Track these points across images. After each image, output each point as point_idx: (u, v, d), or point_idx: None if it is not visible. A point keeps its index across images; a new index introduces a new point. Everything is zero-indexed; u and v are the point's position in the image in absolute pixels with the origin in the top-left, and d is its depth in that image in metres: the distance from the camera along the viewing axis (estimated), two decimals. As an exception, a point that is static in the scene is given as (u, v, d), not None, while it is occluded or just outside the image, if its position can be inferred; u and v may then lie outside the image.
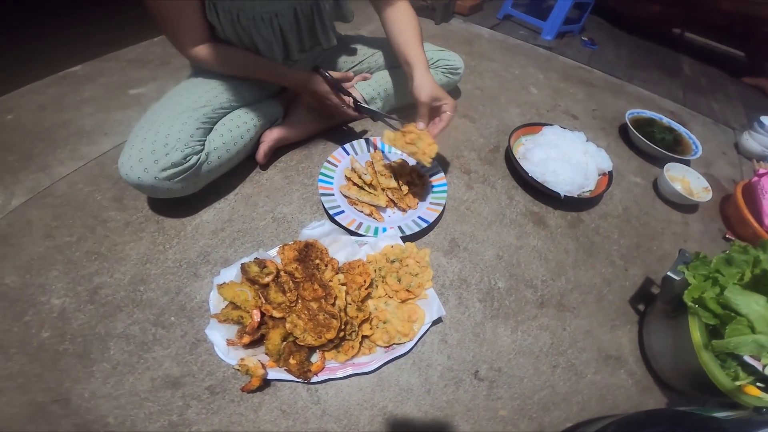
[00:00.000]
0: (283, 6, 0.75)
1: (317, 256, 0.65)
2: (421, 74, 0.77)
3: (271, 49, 0.80)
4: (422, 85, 0.76)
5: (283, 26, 0.78)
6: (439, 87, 0.78)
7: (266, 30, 0.76)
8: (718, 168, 1.20)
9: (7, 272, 0.63)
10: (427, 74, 0.78)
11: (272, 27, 0.77)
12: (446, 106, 0.78)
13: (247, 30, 0.75)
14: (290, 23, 0.79)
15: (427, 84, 0.77)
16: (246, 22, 0.73)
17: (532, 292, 0.75)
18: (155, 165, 0.64)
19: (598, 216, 0.94)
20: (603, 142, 1.17)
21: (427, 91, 0.76)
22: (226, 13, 0.71)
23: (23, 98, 0.95)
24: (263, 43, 0.78)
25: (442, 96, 0.77)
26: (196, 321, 0.61)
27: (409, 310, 0.65)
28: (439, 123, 0.79)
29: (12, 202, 0.73)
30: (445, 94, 0.78)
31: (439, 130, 0.78)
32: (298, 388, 0.57)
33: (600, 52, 1.76)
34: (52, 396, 0.52)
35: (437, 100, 0.77)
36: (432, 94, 0.76)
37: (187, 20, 0.70)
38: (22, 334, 0.57)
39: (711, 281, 0.59)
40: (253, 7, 0.72)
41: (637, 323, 0.75)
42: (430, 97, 0.76)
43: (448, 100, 0.78)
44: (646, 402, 0.64)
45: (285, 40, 0.81)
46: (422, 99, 0.76)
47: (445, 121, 0.78)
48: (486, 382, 0.62)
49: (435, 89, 0.77)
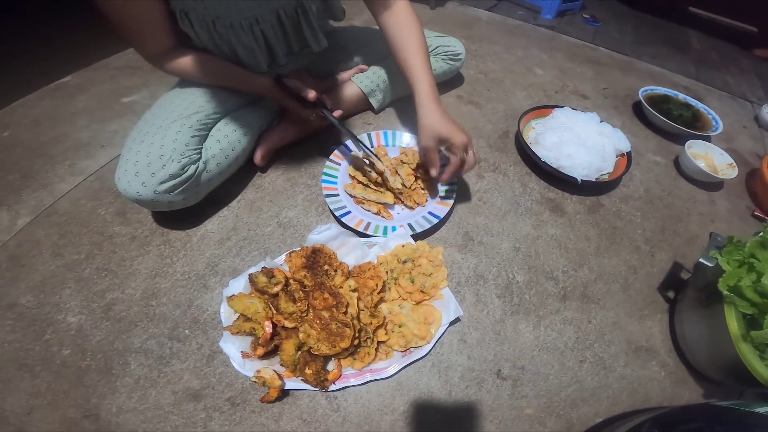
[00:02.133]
0: (263, 10, 0.70)
1: (326, 261, 0.63)
2: (426, 111, 0.66)
3: (254, 57, 0.75)
4: (425, 126, 0.66)
5: (265, 31, 0.73)
6: (448, 122, 0.66)
7: (246, 37, 0.71)
8: (740, 143, 1.14)
9: (21, 293, 0.64)
10: (432, 109, 0.66)
11: (253, 33, 0.72)
12: (454, 148, 0.66)
13: (226, 38, 0.70)
14: (273, 28, 0.74)
15: (432, 124, 0.65)
16: (223, 29, 0.68)
17: (553, 284, 0.72)
18: (152, 178, 0.62)
19: (618, 199, 0.90)
20: (617, 121, 1.12)
21: (430, 136, 0.65)
22: (201, 22, 0.67)
23: (17, 113, 0.95)
24: (244, 50, 0.73)
25: (446, 134, 0.65)
26: (210, 333, 0.61)
27: (424, 312, 0.63)
28: (448, 169, 0.69)
29: (18, 222, 0.73)
30: (453, 132, 0.66)
31: (450, 175, 0.68)
32: (317, 396, 0.56)
33: (603, 29, 1.69)
34: (82, 412, 0.53)
35: (442, 142, 0.66)
36: (432, 137, 0.65)
37: (145, 27, 0.64)
38: (45, 353, 0.58)
39: (746, 267, 0.56)
40: (230, 14, 0.66)
41: (667, 312, 0.71)
42: (435, 140, 0.65)
43: (455, 138, 0.66)
44: (680, 394, 0.62)
45: (269, 45, 0.76)
46: (424, 143, 0.66)
47: (454, 167, 0.68)
48: (509, 380, 0.60)
49: (437, 128, 0.65)
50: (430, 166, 0.68)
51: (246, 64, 0.76)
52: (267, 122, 0.84)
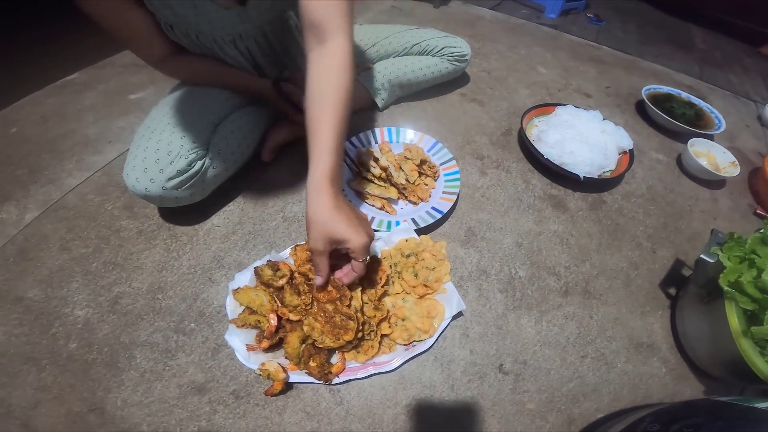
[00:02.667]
0: (246, 27, 0.69)
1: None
2: (317, 200, 0.49)
3: (241, 67, 0.75)
4: (313, 222, 0.49)
5: (250, 48, 0.73)
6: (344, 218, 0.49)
7: (232, 51, 0.72)
8: (743, 141, 1.14)
9: (29, 286, 0.64)
10: (325, 199, 0.49)
11: (237, 48, 0.72)
12: (351, 253, 0.51)
13: (211, 52, 0.71)
14: (258, 44, 0.73)
15: (323, 221, 0.49)
16: (207, 44, 0.69)
17: (555, 279, 0.73)
18: (161, 174, 0.63)
19: (620, 196, 0.90)
20: (620, 119, 1.12)
21: (317, 232, 0.49)
22: (184, 35, 0.67)
23: (24, 110, 0.96)
24: (231, 61, 0.74)
25: (340, 235, 0.49)
26: (216, 326, 0.62)
27: (427, 306, 0.63)
28: (350, 273, 0.54)
29: (26, 216, 0.73)
30: (350, 233, 0.49)
31: (349, 281, 0.54)
32: (320, 389, 0.57)
33: (607, 28, 1.69)
34: (88, 406, 0.53)
35: (335, 243, 0.50)
36: (324, 236, 0.49)
37: (143, 38, 0.65)
38: (51, 346, 0.58)
39: (747, 263, 0.56)
40: (211, 30, 0.67)
41: (668, 308, 0.71)
42: (322, 242, 0.49)
43: (352, 243, 0.49)
44: (681, 390, 0.62)
45: (255, 60, 0.76)
46: (309, 245, 0.51)
47: (355, 273, 0.54)
48: (511, 375, 0.61)
49: (329, 226, 0.48)
50: (315, 273, 0.53)
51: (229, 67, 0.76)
52: (273, 118, 0.84)
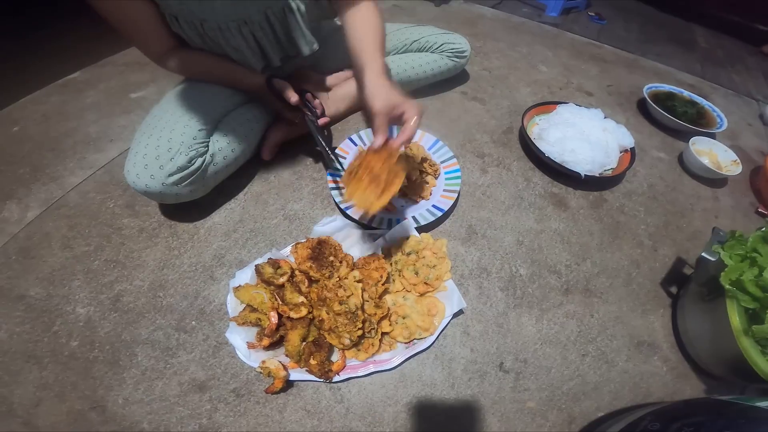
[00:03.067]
0: (250, 11, 0.69)
1: (331, 252, 0.64)
2: (373, 78, 0.62)
3: (245, 58, 0.74)
4: (375, 92, 0.61)
5: (255, 33, 0.72)
6: (397, 92, 0.62)
7: (236, 39, 0.71)
8: (744, 140, 1.14)
9: (31, 284, 0.65)
10: (381, 79, 0.63)
11: (242, 35, 0.71)
12: (409, 113, 0.62)
13: (216, 40, 0.70)
14: (263, 29, 0.73)
15: (381, 88, 0.62)
16: (212, 32, 0.68)
17: (556, 278, 0.73)
18: (161, 171, 0.63)
19: (621, 194, 0.90)
20: (621, 118, 1.12)
21: (382, 99, 0.60)
22: (190, 24, 0.67)
23: (26, 109, 0.96)
24: (235, 52, 0.73)
25: (400, 101, 0.61)
26: (217, 324, 0.62)
27: (428, 304, 0.63)
28: (401, 135, 0.62)
29: (28, 214, 0.74)
30: (403, 99, 0.62)
31: (401, 143, 0.62)
32: (321, 387, 0.57)
33: (609, 27, 1.69)
34: (89, 403, 0.54)
35: (395, 107, 0.61)
36: (388, 101, 0.60)
37: (145, 31, 0.66)
38: (53, 344, 0.58)
39: (748, 262, 0.56)
40: (216, 16, 0.66)
41: (669, 307, 0.71)
42: (386, 105, 0.60)
43: (409, 104, 0.62)
44: (682, 389, 0.62)
45: (261, 47, 0.75)
46: (376, 108, 0.60)
47: (409, 133, 0.61)
48: (512, 373, 0.61)
49: (391, 95, 0.61)
50: (376, 133, 0.61)
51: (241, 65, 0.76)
52: (273, 116, 0.84)
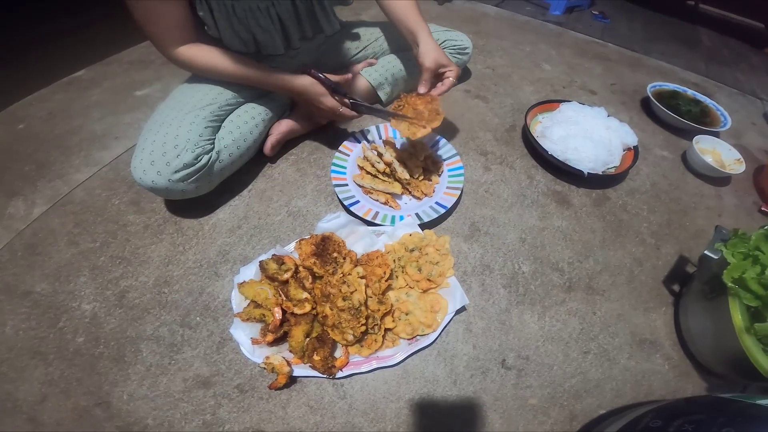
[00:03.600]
0: None
1: (335, 249, 0.64)
2: (426, 40, 0.78)
3: (272, 39, 0.77)
4: (427, 52, 0.77)
5: (281, 14, 0.75)
6: (444, 53, 0.78)
7: (264, 20, 0.73)
8: (748, 139, 1.14)
9: (37, 280, 0.65)
10: (432, 40, 0.78)
11: (270, 16, 0.73)
12: (450, 72, 0.79)
13: (244, 22, 0.72)
14: (288, 10, 0.76)
15: (432, 50, 0.77)
16: (242, 13, 0.70)
17: (558, 275, 0.73)
18: (167, 167, 0.63)
19: (625, 192, 0.90)
20: (625, 116, 1.12)
21: (432, 58, 0.76)
22: (221, 6, 0.68)
23: (32, 107, 0.96)
24: (262, 33, 0.75)
25: (446, 62, 0.78)
26: (221, 320, 0.62)
27: (431, 300, 0.64)
28: (440, 86, 0.79)
29: (34, 211, 0.74)
30: (449, 61, 0.79)
31: (440, 93, 0.79)
32: (324, 383, 0.57)
33: (613, 25, 1.68)
34: (94, 400, 0.54)
35: (442, 66, 0.77)
36: (437, 60, 0.76)
37: (170, 17, 0.63)
38: (59, 341, 0.59)
39: (751, 260, 0.56)
40: None
41: (672, 305, 0.71)
42: (435, 63, 0.76)
43: (452, 66, 0.79)
44: (684, 387, 0.62)
45: (284, 28, 0.78)
46: (427, 65, 0.76)
47: (447, 86, 0.79)
48: (514, 370, 0.61)
49: (440, 56, 0.77)
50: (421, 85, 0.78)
51: (264, 47, 0.77)
52: (278, 114, 0.85)
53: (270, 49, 0.78)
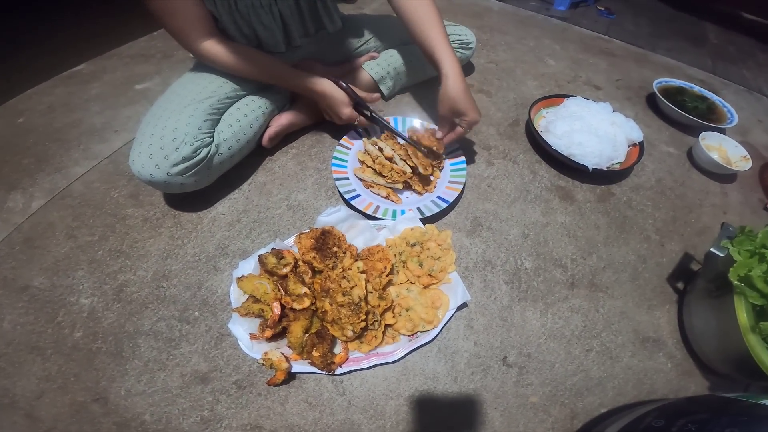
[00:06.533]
0: None
1: (335, 243, 0.64)
2: (449, 75, 0.71)
3: (273, 36, 0.76)
4: (445, 95, 0.72)
5: (282, 11, 0.74)
6: (467, 98, 0.72)
7: (266, 16, 0.72)
8: (755, 136, 1.13)
9: (35, 274, 0.65)
10: (456, 75, 0.71)
11: (272, 13, 0.73)
12: (464, 122, 0.74)
13: (246, 18, 0.71)
14: (291, 7, 0.75)
15: (453, 92, 0.71)
16: (244, 9, 0.69)
17: (561, 271, 0.72)
18: (166, 161, 0.63)
19: (629, 189, 0.89)
20: (630, 112, 1.11)
21: (448, 106, 0.72)
22: (223, 2, 0.67)
23: (31, 100, 0.96)
24: (264, 30, 0.74)
25: (464, 109, 0.72)
26: (219, 315, 0.62)
27: (432, 296, 0.63)
28: (450, 135, 0.77)
29: (32, 204, 0.74)
30: (469, 106, 0.72)
31: (448, 141, 0.77)
32: (323, 380, 0.57)
33: (618, 21, 1.66)
34: (92, 395, 0.53)
35: (458, 114, 0.73)
36: (453, 108, 0.72)
37: (188, 12, 0.65)
38: (56, 335, 0.58)
39: (758, 257, 0.55)
40: None
41: (676, 303, 0.71)
42: (450, 111, 0.73)
43: (470, 113, 0.73)
44: (686, 386, 0.61)
45: (286, 25, 0.77)
46: (441, 112, 0.74)
47: (456, 135, 0.76)
48: (515, 368, 0.60)
49: (459, 100, 0.71)
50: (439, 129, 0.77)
51: (265, 45, 0.77)
52: (278, 107, 0.84)
53: (271, 46, 0.78)
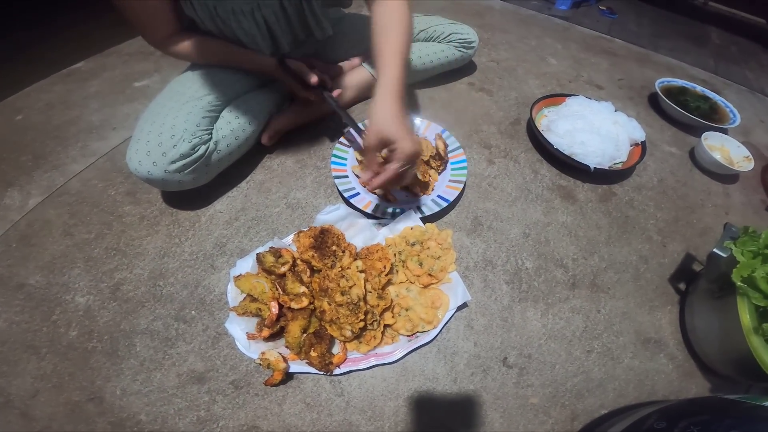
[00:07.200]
0: None
1: (333, 241, 0.63)
2: (381, 105, 0.57)
3: (256, 43, 0.74)
4: (373, 123, 0.56)
5: (267, 18, 0.72)
6: (400, 125, 0.56)
7: (248, 23, 0.71)
8: (757, 136, 1.12)
9: (31, 272, 0.64)
10: (388, 105, 0.57)
11: (254, 19, 0.71)
12: (395, 154, 0.56)
13: (227, 23, 0.70)
14: (275, 14, 0.73)
15: (382, 121, 0.56)
16: (225, 15, 0.68)
17: (562, 272, 0.71)
18: (163, 158, 0.62)
19: (631, 188, 0.88)
20: (632, 111, 1.10)
21: (374, 133, 0.56)
22: (203, 6, 0.66)
23: (30, 98, 0.95)
24: (246, 36, 0.73)
25: (394, 137, 0.55)
26: (216, 314, 0.61)
27: (432, 296, 0.62)
28: (382, 173, 0.57)
29: (29, 202, 0.73)
30: (402, 136, 0.55)
31: (380, 183, 0.58)
32: (321, 380, 0.56)
33: (620, 21, 1.66)
34: (87, 395, 0.53)
35: (386, 143, 0.56)
36: (380, 133, 0.55)
37: (153, 15, 0.66)
38: (52, 334, 0.58)
39: (761, 258, 0.55)
40: None
41: (677, 303, 0.70)
42: (378, 140, 0.56)
43: (400, 145, 0.55)
44: (687, 388, 0.61)
45: (271, 32, 0.75)
46: (365, 141, 0.58)
47: (389, 173, 0.56)
48: (515, 369, 0.59)
49: (389, 129, 0.55)
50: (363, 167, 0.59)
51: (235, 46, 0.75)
52: (277, 105, 0.84)
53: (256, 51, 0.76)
